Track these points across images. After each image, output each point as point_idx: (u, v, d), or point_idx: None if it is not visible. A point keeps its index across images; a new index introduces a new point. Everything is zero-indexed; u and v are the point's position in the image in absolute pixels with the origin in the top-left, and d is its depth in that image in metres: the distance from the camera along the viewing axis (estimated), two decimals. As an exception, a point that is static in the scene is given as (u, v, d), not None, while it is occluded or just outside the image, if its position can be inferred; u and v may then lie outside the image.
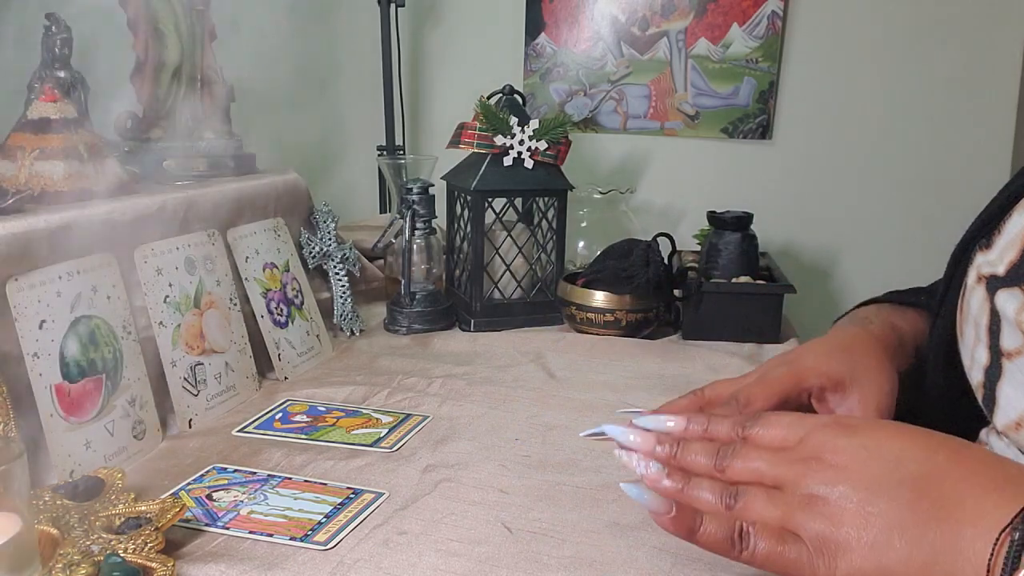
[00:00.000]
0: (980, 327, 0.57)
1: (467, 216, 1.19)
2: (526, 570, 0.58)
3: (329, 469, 0.74)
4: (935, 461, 0.43)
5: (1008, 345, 0.54)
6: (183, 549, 0.60)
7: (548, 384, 0.96)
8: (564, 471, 0.74)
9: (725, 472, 0.48)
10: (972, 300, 0.58)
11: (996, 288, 0.55)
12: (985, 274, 0.57)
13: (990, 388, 0.56)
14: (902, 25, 1.50)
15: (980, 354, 0.57)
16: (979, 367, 0.57)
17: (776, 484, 0.46)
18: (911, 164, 1.54)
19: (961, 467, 0.42)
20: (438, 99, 1.72)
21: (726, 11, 1.54)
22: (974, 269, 0.59)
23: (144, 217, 0.86)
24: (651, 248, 1.14)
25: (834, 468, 0.44)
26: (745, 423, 0.50)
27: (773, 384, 0.63)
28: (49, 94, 0.83)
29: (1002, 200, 0.59)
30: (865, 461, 0.43)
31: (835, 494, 0.43)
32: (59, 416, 0.69)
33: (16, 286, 0.69)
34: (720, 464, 0.48)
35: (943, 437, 0.45)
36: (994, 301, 0.55)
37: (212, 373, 0.87)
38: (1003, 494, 0.40)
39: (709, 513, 0.46)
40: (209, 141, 1.06)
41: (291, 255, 1.06)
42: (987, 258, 0.58)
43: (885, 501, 0.42)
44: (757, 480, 0.47)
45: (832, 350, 0.66)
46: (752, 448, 0.48)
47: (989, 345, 0.56)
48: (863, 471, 0.43)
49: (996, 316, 0.55)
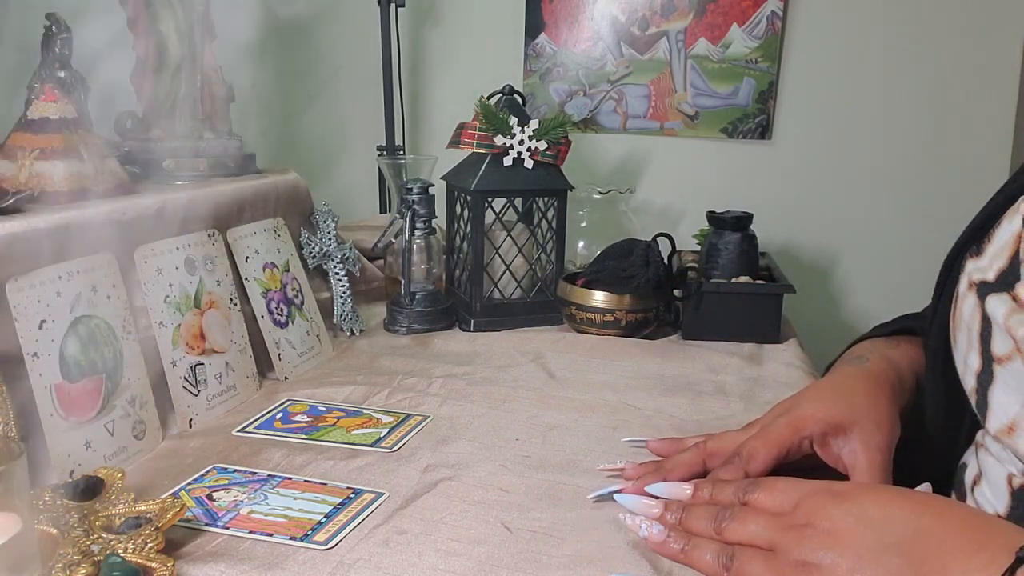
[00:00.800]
0: (972, 333, 0.57)
1: (467, 216, 1.19)
2: (526, 570, 0.58)
3: (329, 469, 0.74)
4: (920, 524, 0.45)
5: (999, 350, 0.54)
6: (183, 549, 0.60)
7: (548, 384, 0.96)
8: (564, 471, 0.74)
9: (723, 534, 0.52)
10: (964, 307, 0.58)
11: (986, 294, 0.56)
12: (976, 280, 0.58)
13: (982, 393, 0.56)
14: (902, 25, 1.50)
15: (972, 360, 0.57)
16: (971, 373, 0.57)
17: (771, 548, 0.49)
18: (911, 164, 1.54)
19: (946, 527, 0.44)
20: (438, 99, 1.72)
21: (726, 11, 1.54)
22: (965, 276, 0.59)
23: (144, 217, 0.86)
24: (651, 248, 1.14)
25: (825, 535, 0.47)
26: (746, 489, 0.54)
27: (774, 437, 0.64)
28: (49, 94, 0.83)
29: (992, 208, 0.60)
30: (854, 528, 0.46)
31: (826, 560, 0.46)
32: (59, 416, 0.69)
33: (16, 286, 0.69)
34: (719, 527, 0.52)
35: (929, 498, 0.48)
36: (985, 307, 0.56)
37: (212, 373, 0.87)
38: (989, 552, 0.42)
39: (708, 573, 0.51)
40: (209, 141, 1.06)
41: (291, 255, 1.06)
42: (978, 265, 0.58)
43: (872, 567, 0.44)
44: (753, 543, 0.50)
45: (829, 394, 0.67)
46: (750, 512, 0.52)
47: (981, 351, 0.56)
48: (852, 538, 0.46)
49: (987, 322, 0.55)
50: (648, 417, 0.87)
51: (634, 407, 0.90)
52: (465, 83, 1.53)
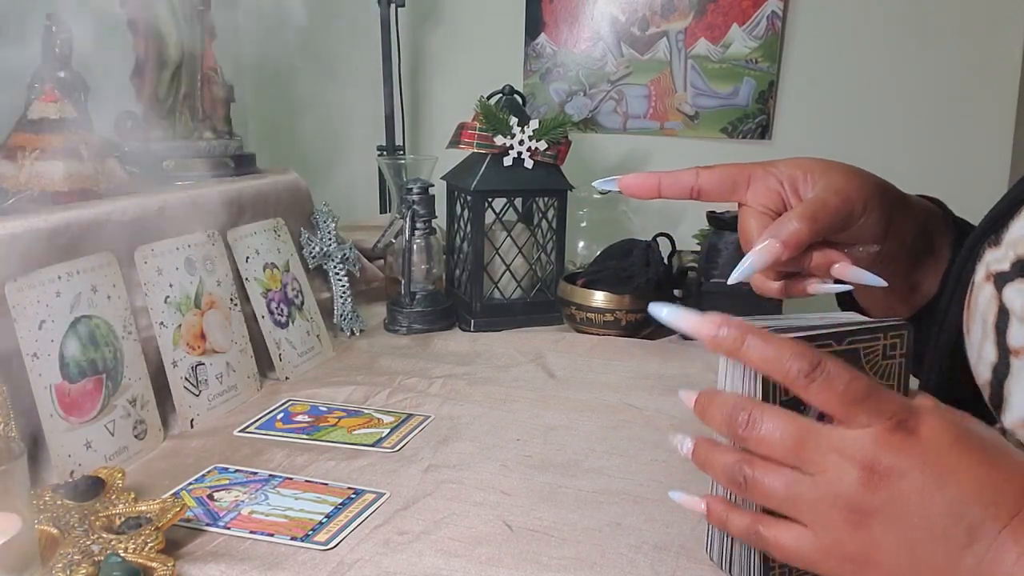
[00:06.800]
0: (987, 323, 0.56)
1: (467, 216, 1.19)
2: (527, 570, 0.58)
3: (331, 469, 0.74)
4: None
5: (1016, 342, 0.53)
6: (183, 549, 0.60)
7: (548, 384, 0.96)
8: (566, 472, 0.74)
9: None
10: (980, 297, 0.58)
11: (1004, 284, 0.55)
12: (993, 271, 0.57)
13: (997, 385, 0.55)
14: (902, 25, 1.50)
15: (988, 351, 0.56)
16: (986, 364, 0.57)
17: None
18: (910, 164, 1.54)
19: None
20: (438, 99, 1.72)
21: (726, 11, 1.54)
22: (983, 267, 0.58)
23: (144, 217, 0.86)
24: (651, 248, 1.14)
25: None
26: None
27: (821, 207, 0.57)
28: (49, 94, 0.83)
29: (1011, 197, 0.59)
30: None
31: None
32: (59, 416, 0.69)
33: (16, 286, 0.69)
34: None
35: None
36: (1002, 297, 0.55)
37: (213, 373, 0.87)
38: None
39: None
40: (209, 141, 1.06)
41: (291, 255, 1.06)
42: (995, 255, 0.57)
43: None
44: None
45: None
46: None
47: (997, 342, 0.55)
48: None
49: (1004, 313, 0.55)
50: (648, 417, 0.87)
51: (634, 407, 0.90)
52: (465, 83, 1.53)
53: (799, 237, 0.54)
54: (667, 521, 0.65)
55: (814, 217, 0.54)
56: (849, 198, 0.57)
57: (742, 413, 0.47)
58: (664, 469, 0.74)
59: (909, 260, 0.64)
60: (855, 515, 0.44)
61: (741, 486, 0.47)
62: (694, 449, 0.50)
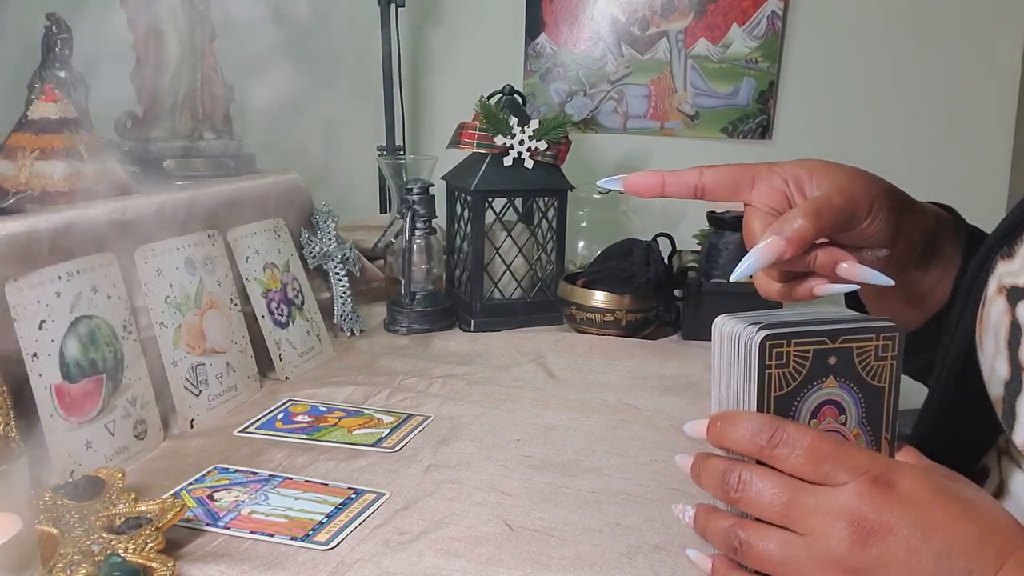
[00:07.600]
0: (1000, 339, 0.54)
1: (467, 216, 1.19)
2: (527, 570, 0.58)
3: (331, 469, 0.74)
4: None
5: None
6: (184, 549, 0.60)
7: (548, 384, 0.96)
8: (566, 472, 0.74)
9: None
10: (992, 310, 0.56)
11: (1018, 299, 0.53)
12: (1007, 284, 0.55)
13: (1010, 402, 0.54)
14: (902, 25, 1.50)
15: (1000, 367, 0.54)
16: (999, 380, 0.55)
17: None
18: (911, 164, 1.54)
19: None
20: (438, 99, 1.72)
21: (726, 11, 1.54)
22: (995, 279, 0.56)
23: (144, 217, 0.85)
24: (651, 248, 1.14)
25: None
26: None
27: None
28: (49, 94, 0.83)
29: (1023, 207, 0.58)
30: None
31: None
32: (59, 416, 0.69)
33: (16, 286, 0.68)
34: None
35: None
36: (1016, 313, 0.53)
37: (213, 373, 0.87)
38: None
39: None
40: (209, 141, 1.06)
41: (291, 255, 1.06)
42: (1009, 268, 0.55)
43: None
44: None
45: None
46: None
47: (1009, 358, 0.54)
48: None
49: (1016, 328, 0.53)
50: (648, 417, 0.87)
51: (634, 407, 0.90)
52: (465, 83, 1.53)
53: (803, 234, 0.53)
54: (667, 521, 0.65)
55: (818, 214, 0.53)
56: (854, 198, 0.56)
57: (732, 475, 0.47)
58: (664, 469, 0.74)
59: (919, 266, 0.63)
60: (851, 574, 0.43)
61: (737, 551, 0.46)
62: (695, 518, 0.50)
